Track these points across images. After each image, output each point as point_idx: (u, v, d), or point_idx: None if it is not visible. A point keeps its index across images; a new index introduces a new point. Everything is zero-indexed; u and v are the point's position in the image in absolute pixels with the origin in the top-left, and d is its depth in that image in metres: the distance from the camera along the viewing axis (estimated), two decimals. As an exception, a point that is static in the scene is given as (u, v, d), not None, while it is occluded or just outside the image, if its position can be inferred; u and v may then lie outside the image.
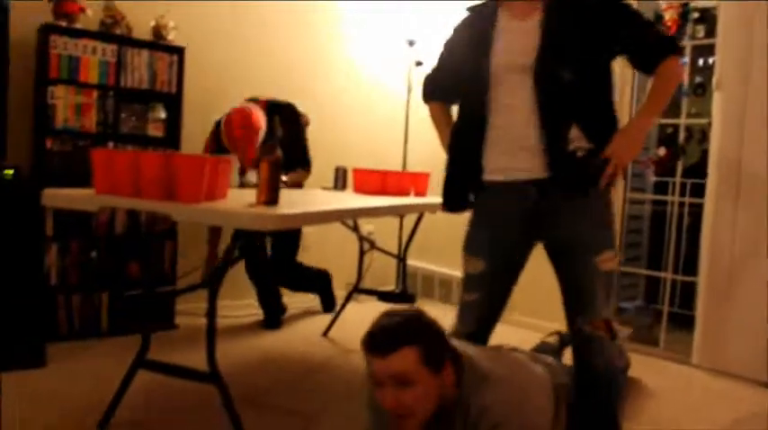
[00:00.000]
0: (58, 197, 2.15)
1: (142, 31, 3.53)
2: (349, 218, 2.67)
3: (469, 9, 2.25)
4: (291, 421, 2.49)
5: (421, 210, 3.42)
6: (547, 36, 1.98)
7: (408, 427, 1.64)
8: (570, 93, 1.97)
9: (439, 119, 2.37)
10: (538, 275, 2.27)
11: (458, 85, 2.22)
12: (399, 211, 3.36)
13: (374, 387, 1.67)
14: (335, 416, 2.58)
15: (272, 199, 2.02)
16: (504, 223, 2.07)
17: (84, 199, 2.07)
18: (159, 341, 2.68)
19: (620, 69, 3.44)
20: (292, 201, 2.22)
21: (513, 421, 1.64)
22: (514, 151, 2.01)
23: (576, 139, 1.96)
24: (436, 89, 2.37)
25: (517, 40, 2.02)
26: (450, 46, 2.29)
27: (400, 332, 1.63)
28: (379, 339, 1.62)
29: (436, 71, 2.37)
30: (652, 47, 2.03)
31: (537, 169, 1.99)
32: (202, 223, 1.91)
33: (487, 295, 2.13)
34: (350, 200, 2.80)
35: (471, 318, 2.15)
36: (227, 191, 2.25)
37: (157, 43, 3.54)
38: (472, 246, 2.15)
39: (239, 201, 2.10)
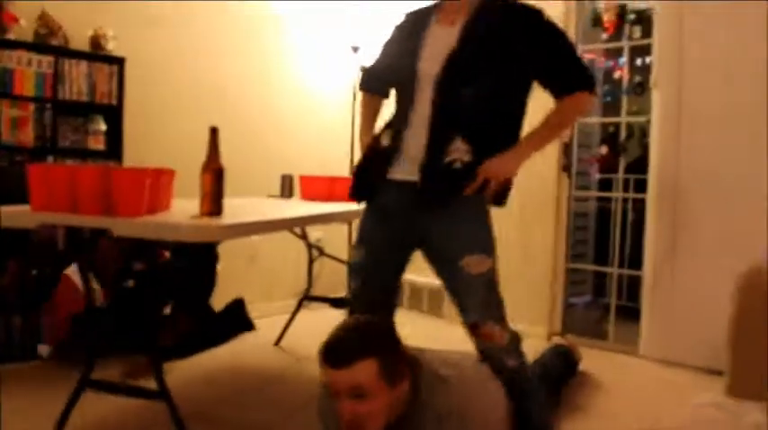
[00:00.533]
0: (-7, 215, 2.06)
1: (80, 41, 3.44)
2: (296, 226, 2.65)
3: (406, 14, 2.31)
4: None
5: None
6: (458, 47, 2.00)
7: None
8: (465, 106, 1.99)
9: (366, 109, 2.41)
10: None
11: (390, 83, 2.28)
12: (348, 217, 3.35)
13: (330, 397, 1.66)
14: (291, 426, 2.55)
15: (215, 210, 2.00)
16: (385, 218, 2.13)
17: (20, 216, 2.00)
18: (105, 361, 2.62)
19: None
20: (237, 211, 2.19)
21: (470, 420, 1.65)
22: (408, 158, 2.05)
23: (457, 152, 1.98)
24: (371, 80, 2.41)
25: (436, 46, 2.05)
26: (387, 45, 2.35)
27: (358, 344, 1.63)
28: (337, 351, 1.62)
29: (374, 65, 2.40)
30: (566, 77, 2.04)
31: (409, 173, 2.04)
32: (143, 237, 1.85)
33: (367, 283, 2.18)
34: (297, 207, 2.78)
35: (360, 308, 2.18)
36: (170, 203, 2.21)
37: (96, 54, 3.46)
38: (358, 235, 2.23)
39: (183, 212, 2.06)
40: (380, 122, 2.31)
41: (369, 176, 2.16)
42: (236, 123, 4.11)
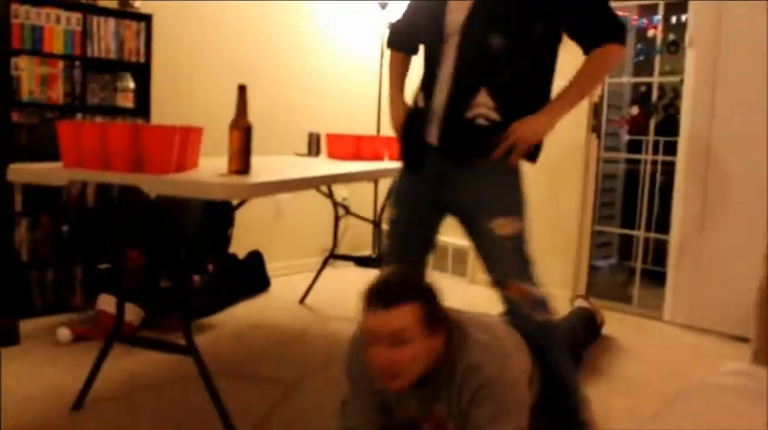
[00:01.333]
0: (25, 172, 2.10)
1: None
2: (323, 184, 2.65)
3: None
4: (271, 390, 2.50)
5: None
6: None
7: (395, 387, 1.65)
8: (492, 56, 1.92)
9: (394, 67, 2.36)
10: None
11: (418, 40, 2.22)
12: (374, 176, 3.34)
13: (364, 347, 1.67)
14: (316, 383, 2.60)
15: (243, 168, 2.00)
16: (414, 181, 2.13)
17: (52, 173, 2.02)
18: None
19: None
20: (264, 169, 2.19)
21: (498, 380, 1.66)
22: (435, 118, 2.03)
23: (482, 107, 1.94)
24: (399, 39, 2.35)
25: (464, 1, 1.98)
26: (414, 2, 2.27)
27: (404, 288, 1.64)
28: (383, 293, 1.63)
29: (401, 21, 2.34)
30: (595, 28, 1.97)
31: (434, 136, 2.02)
32: (171, 194, 1.87)
33: (400, 242, 2.20)
34: (323, 166, 2.78)
35: (392, 265, 2.15)
36: (198, 161, 2.22)
37: (124, 11, 3.45)
38: (392, 195, 2.25)
39: (210, 170, 2.07)
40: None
41: (411, 141, 2.13)
42: (262, 81, 4.11)
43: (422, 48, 2.20)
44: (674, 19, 3.92)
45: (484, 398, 1.65)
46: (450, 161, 2.02)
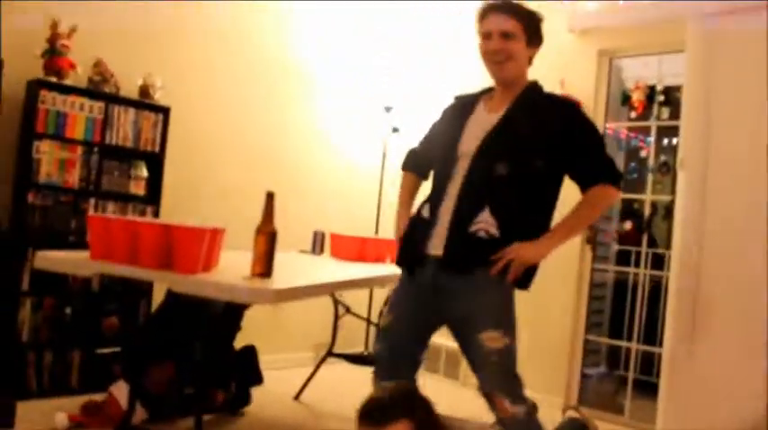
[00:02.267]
0: (51, 260, 2.15)
1: (130, 89, 3.58)
2: (343, 289, 2.71)
3: (456, 98, 2.40)
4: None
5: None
6: (496, 129, 2.12)
7: None
8: (495, 181, 2.07)
9: (405, 188, 2.48)
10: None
11: (430, 165, 2.37)
12: (389, 280, 3.36)
13: None
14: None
15: (266, 271, 2.07)
16: (416, 288, 2.18)
17: (80, 264, 2.08)
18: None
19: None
20: (280, 270, 2.25)
21: None
22: (438, 233, 2.12)
23: (483, 223, 2.06)
24: (413, 162, 2.49)
25: (478, 128, 2.16)
26: (432, 128, 2.45)
27: (395, 405, 1.67)
28: (375, 411, 1.66)
29: (418, 147, 2.50)
30: (592, 169, 2.14)
31: (438, 247, 2.11)
32: (199, 294, 1.93)
33: (393, 348, 2.23)
34: (333, 267, 2.86)
35: (384, 370, 2.23)
36: (219, 259, 2.29)
37: (144, 102, 3.59)
38: (391, 300, 2.30)
39: (231, 269, 2.14)
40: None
41: (411, 248, 2.23)
42: (267, 177, 4.23)
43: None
44: (665, 141, 4.14)
45: None
46: (449, 271, 2.10)
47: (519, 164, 2.08)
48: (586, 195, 2.15)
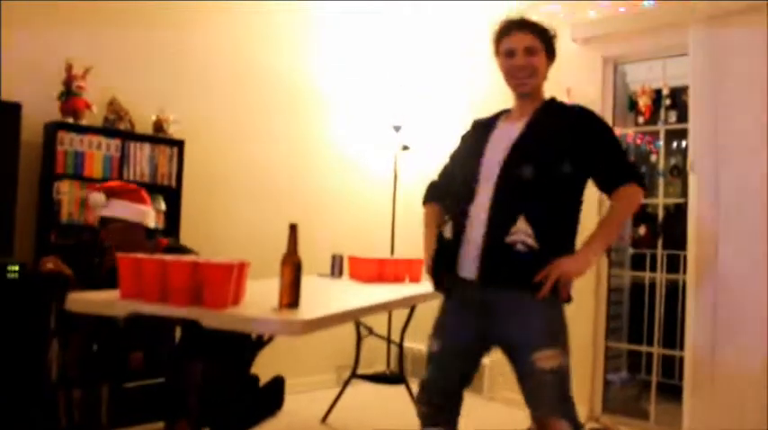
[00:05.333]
0: (84, 303, 2.20)
1: (144, 125, 3.64)
2: (371, 314, 2.74)
3: (474, 122, 2.44)
4: None
5: (431, 299, 3.47)
6: (521, 135, 2.16)
7: None
8: (527, 184, 2.10)
9: (429, 219, 2.48)
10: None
11: (454, 188, 2.38)
12: (415, 301, 3.38)
13: None
14: None
15: (294, 301, 2.11)
16: (460, 312, 2.22)
17: (112, 305, 2.12)
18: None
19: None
20: (309, 299, 2.28)
21: None
22: (469, 254, 2.14)
23: (520, 233, 2.07)
24: (435, 193, 2.51)
25: (502, 139, 2.21)
26: (452, 156, 2.48)
27: None
28: None
29: (438, 178, 2.53)
30: (615, 171, 2.18)
31: (472, 271, 2.13)
32: (230, 328, 1.97)
33: (440, 373, 2.25)
34: (355, 289, 2.89)
35: (426, 396, 2.27)
36: (245, 292, 2.32)
37: (158, 137, 3.66)
38: (435, 327, 2.30)
39: (258, 301, 2.17)
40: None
41: (441, 270, 2.26)
42: (282, 204, 4.29)
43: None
44: (674, 144, 4.17)
45: None
46: (491, 291, 2.12)
47: (545, 167, 2.11)
48: (616, 198, 2.17)
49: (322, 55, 4.68)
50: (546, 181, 2.11)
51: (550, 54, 2.24)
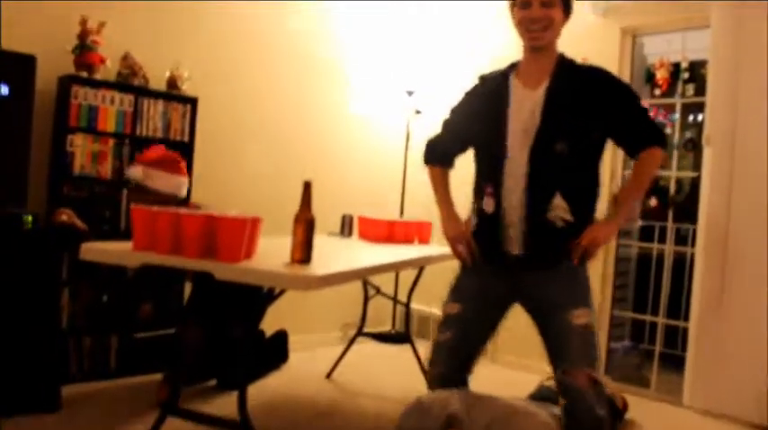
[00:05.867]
0: (97, 252, 2.22)
1: (158, 81, 3.64)
2: (382, 272, 2.77)
3: (481, 77, 2.39)
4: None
5: (444, 261, 3.50)
6: (548, 108, 2.14)
7: None
8: (560, 161, 2.11)
9: (437, 181, 2.48)
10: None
11: (462, 150, 2.41)
12: (425, 263, 3.40)
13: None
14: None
15: (306, 258, 2.14)
16: (487, 277, 2.26)
17: (125, 255, 2.15)
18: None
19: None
20: (320, 256, 2.31)
21: None
22: (507, 223, 2.17)
23: (559, 209, 2.12)
24: (438, 154, 2.50)
25: (524, 107, 2.17)
26: (459, 113, 2.43)
27: None
28: None
29: (440, 136, 2.50)
30: (640, 134, 2.19)
31: (515, 245, 2.17)
32: (243, 281, 2.00)
33: (459, 335, 2.28)
34: (371, 252, 2.92)
35: (442, 358, 2.31)
36: (257, 247, 2.35)
37: (172, 93, 3.66)
38: (454, 291, 2.34)
39: (270, 256, 2.20)
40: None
41: (488, 247, 2.26)
42: (294, 163, 4.30)
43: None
44: (690, 118, 4.13)
45: None
46: (531, 261, 2.16)
47: (577, 138, 2.12)
48: (640, 161, 2.20)
49: (338, 19, 4.65)
50: (578, 153, 2.13)
51: (567, 9, 2.18)
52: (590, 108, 2.14)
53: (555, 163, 2.11)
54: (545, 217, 2.12)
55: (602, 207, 2.33)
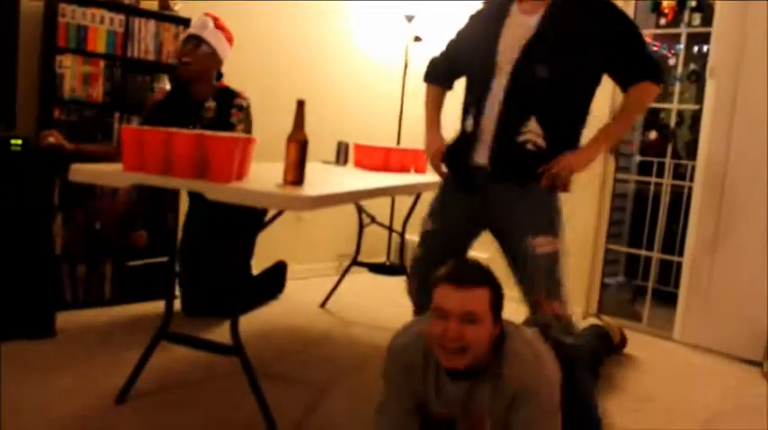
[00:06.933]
0: (86, 173, 2.17)
1: (149, 1, 3.52)
2: (376, 196, 2.74)
3: (487, 2, 2.36)
4: (302, 391, 2.59)
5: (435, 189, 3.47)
6: (537, 33, 2.10)
7: (459, 364, 1.69)
8: (539, 87, 2.08)
9: (431, 101, 2.50)
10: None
11: (461, 72, 2.38)
12: (421, 189, 3.37)
13: (432, 322, 1.71)
14: (347, 387, 2.68)
15: (298, 179, 2.10)
16: (459, 199, 2.27)
17: (114, 176, 2.11)
18: (158, 311, 2.77)
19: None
20: (313, 181, 2.28)
21: (539, 385, 1.74)
22: (483, 143, 2.17)
23: (531, 133, 2.09)
24: (438, 73, 2.49)
25: (516, 33, 2.14)
26: (461, 35, 2.42)
27: (481, 273, 1.73)
28: (464, 273, 1.71)
29: (443, 56, 2.49)
30: (634, 67, 2.14)
31: (484, 157, 2.16)
32: (234, 202, 1.96)
33: (432, 250, 2.31)
34: (360, 176, 2.88)
35: (416, 271, 2.35)
36: (249, 169, 2.31)
37: (164, 14, 3.54)
38: (430, 210, 2.38)
39: (262, 178, 2.16)
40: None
41: (458, 161, 2.27)
42: (289, 87, 4.18)
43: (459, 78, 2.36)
44: (695, 49, 4.04)
45: (524, 402, 1.72)
46: (497, 182, 2.14)
47: (560, 65, 2.08)
48: (630, 95, 2.17)
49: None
50: (560, 80, 2.09)
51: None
52: (583, 37, 2.09)
53: (534, 87, 2.09)
54: (515, 138, 2.11)
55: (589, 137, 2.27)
